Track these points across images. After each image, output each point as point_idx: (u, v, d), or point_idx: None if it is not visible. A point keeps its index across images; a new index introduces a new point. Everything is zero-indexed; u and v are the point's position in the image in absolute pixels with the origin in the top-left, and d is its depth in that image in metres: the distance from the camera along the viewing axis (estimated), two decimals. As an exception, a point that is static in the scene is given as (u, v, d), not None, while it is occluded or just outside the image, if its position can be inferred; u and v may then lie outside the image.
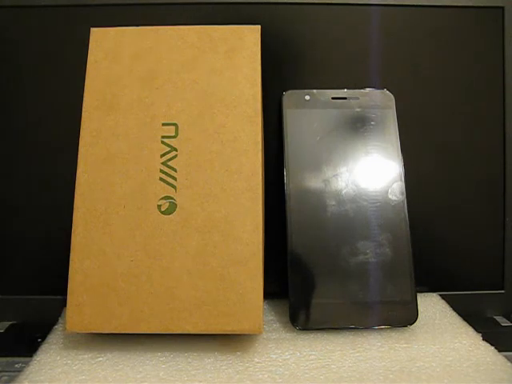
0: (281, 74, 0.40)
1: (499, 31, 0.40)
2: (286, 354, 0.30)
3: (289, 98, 0.37)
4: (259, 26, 0.33)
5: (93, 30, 0.33)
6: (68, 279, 0.29)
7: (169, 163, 0.30)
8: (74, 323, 0.29)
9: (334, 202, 0.35)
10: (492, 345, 0.31)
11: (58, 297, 0.36)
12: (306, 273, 0.34)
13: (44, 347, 0.31)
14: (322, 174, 0.36)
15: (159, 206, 0.30)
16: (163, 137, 0.31)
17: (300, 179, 0.35)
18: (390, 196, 0.35)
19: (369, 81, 0.39)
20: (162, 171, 0.30)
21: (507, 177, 0.40)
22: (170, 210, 0.30)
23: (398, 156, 0.36)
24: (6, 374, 0.31)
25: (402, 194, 0.35)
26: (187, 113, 0.31)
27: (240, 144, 0.30)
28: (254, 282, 0.29)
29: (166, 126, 0.31)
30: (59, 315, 0.35)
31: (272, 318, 0.35)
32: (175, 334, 0.29)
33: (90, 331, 0.29)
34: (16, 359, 0.33)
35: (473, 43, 0.41)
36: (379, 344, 0.31)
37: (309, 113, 0.37)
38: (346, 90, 0.38)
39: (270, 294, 0.35)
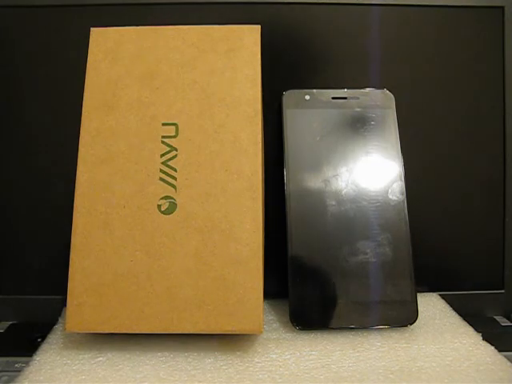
0: (281, 74, 0.40)
1: (499, 31, 0.40)
2: (286, 353, 0.30)
3: (289, 97, 0.37)
4: (259, 26, 0.33)
5: (93, 29, 0.33)
6: (68, 279, 0.29)
7: (169, 163, 0.30)
8: (73, 323, 0.29)
9: (334, 202, 0.35)
10: (492, 345, 0.31)
11: (58, 297, 0.36)
12: (305, 273, 0.34)
13: (44, 347, 0.31)
14: (322, 174, 0.36)
15: (159, 206, 0.30)
16: (163, 137, 0.31)
17: (300, 179, 0.35)
18: (390, 196, 0.35)
19: (369, 81, 0.39)
20: (162, 171, 0.30)
21: (507, 177, 0.40)
22: (169, 210, 0.30)
23: (398, 156, 0.36)
24: (6, 374, 0.31)
25: (402, 194, 0.35)
26: (187, 113, 0.31)
27: (240, 144, 0.30)
28: (254, 282, 0.29)
29: (166, 126, 0.31)
30: (59, 315, 0.35)
31: (272, 317, 0.35)
32: (175, 333, 0.29)
33: (89, 331, 0.29)
34: (16, 359, 0.33)
35: (473, 43, 0.41)
36: (379, 344, 0.31)
37: (309, 113, 0.37)
38: (345, 89, 0.38)
39: (269, 294, 0.35)
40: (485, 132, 0.40)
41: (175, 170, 0.30)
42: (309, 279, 0.34)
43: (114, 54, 0.32)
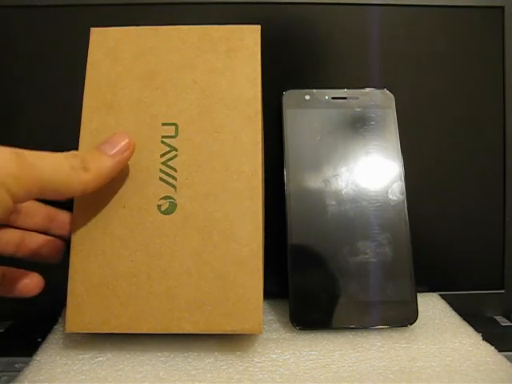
0: (281, 74, 0.40)
1: (499, 31, 0.40)
2: (286, 353, 0.30)
3: (289, 97, 0.37)
4: (259, 26, 0.33)
5: (93, 29, 0.33)
6: (68, 279, 0.29)
7: (169, 163, 0.30)
8: (73, 323, 0.29)
9: (334, 202, 0.35)
10: (492, 345, 0.31)
11: (58, 297, 0.36)
12: (306, 273, 0.34)
13: (44, 347, 0.31)
14: (322, 174, 0.36)
15: (159, 206, 0.30)
16: (163, 137, 0.31)
17: (300, 179, 0.35)
18: (390, 196, 0.35)
19: (369, 81, 0.39)
20: (161, 171, 0.30)
21: (507, 177, 0.40)
22: (169, 210, 0.30)
23: (398, 156, 0.36)
24: (6, 373, 0.31)
25: (402, 194, 0.35)
26: (187, 113, 0.31)
27: (240, 144, 0.30)
28: (254, 282, 0.29)
29: (166, 126, 0.31)
30: (59, 315, 0.35)
31: (272, 317, 0.35)
32: (175, 333, 0.29)
33: (89, 331, 0.29)
34: (16, 359, 0.33)
35: (473, 43, 0.41)
36: (379, 344, 0.31)
37: (309, 113, 0.37)
38: (345, 89, 0.38)
39: (270, 294, 0.35)
40: (485, 132, 0.40)
41: (175, 170, 0.30)
42: (309, 279, 0.34)
43: (114, 53, 0.32)
